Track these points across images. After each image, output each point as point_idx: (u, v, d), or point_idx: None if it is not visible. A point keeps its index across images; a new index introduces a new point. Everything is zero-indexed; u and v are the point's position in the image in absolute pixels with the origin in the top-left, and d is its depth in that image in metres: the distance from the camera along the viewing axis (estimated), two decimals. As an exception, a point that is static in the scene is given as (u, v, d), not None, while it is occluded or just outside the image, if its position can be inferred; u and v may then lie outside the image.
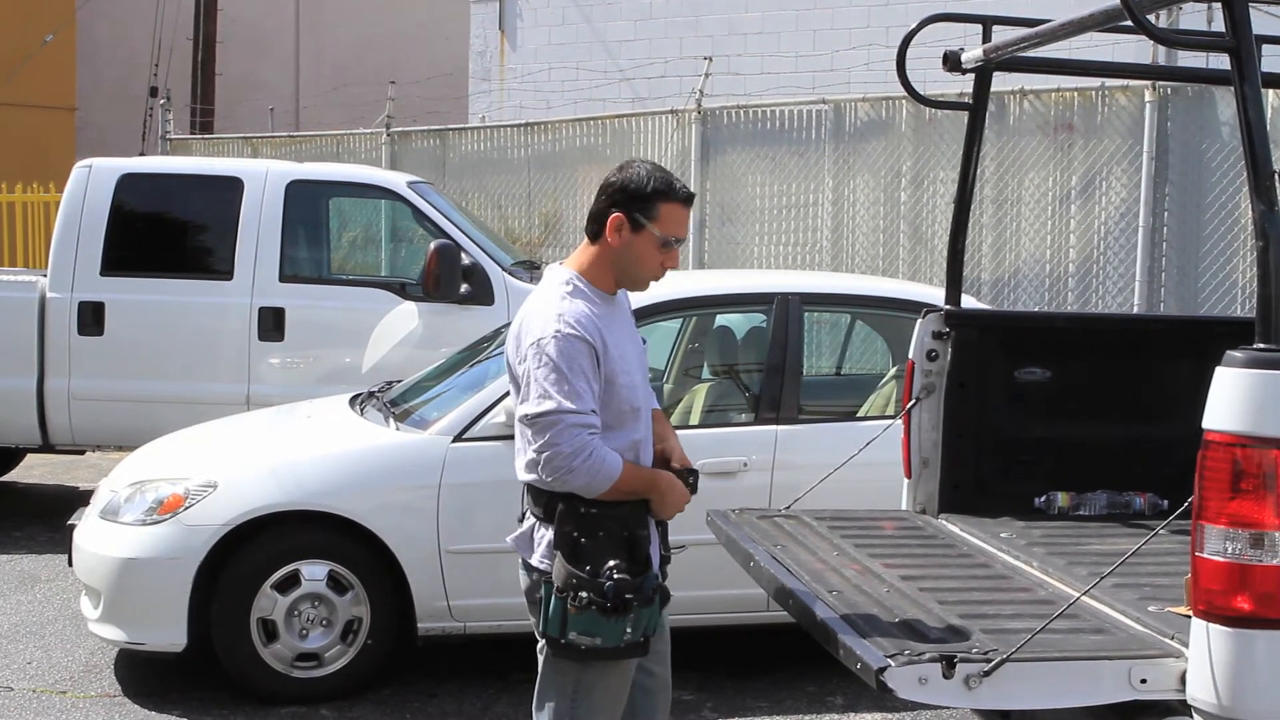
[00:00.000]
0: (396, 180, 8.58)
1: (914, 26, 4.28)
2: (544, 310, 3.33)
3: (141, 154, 14.79)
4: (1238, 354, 2.86)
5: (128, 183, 8.07)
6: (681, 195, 3.37)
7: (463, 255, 7.78)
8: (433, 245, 7.77)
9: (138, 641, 5.26)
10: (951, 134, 9.38)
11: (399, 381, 6.38)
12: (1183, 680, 2.92)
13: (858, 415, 5.93)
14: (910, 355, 4.56)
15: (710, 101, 10.90)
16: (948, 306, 4.61)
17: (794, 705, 5.26)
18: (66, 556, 5.69)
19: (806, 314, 5.87)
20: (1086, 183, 9.19)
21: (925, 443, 4.52)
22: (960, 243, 4.69)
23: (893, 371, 5.99)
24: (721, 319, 6.36)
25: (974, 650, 2.94)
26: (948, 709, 4.71)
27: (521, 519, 3.49)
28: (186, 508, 5.16)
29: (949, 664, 2.87)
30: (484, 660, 5.65)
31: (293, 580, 5.17)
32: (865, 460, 4.62)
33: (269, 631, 5.16)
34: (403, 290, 7.96)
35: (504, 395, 5.23)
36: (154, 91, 17.84)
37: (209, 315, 7.88)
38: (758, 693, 5.38)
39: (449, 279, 7.67)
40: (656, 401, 3.66)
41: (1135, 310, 8.72)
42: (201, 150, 14.88)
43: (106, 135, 20.03)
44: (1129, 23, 3.13)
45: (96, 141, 18.55)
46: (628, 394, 3.36)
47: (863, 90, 10.29)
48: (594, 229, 3.41)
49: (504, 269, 7.97)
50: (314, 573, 5.17)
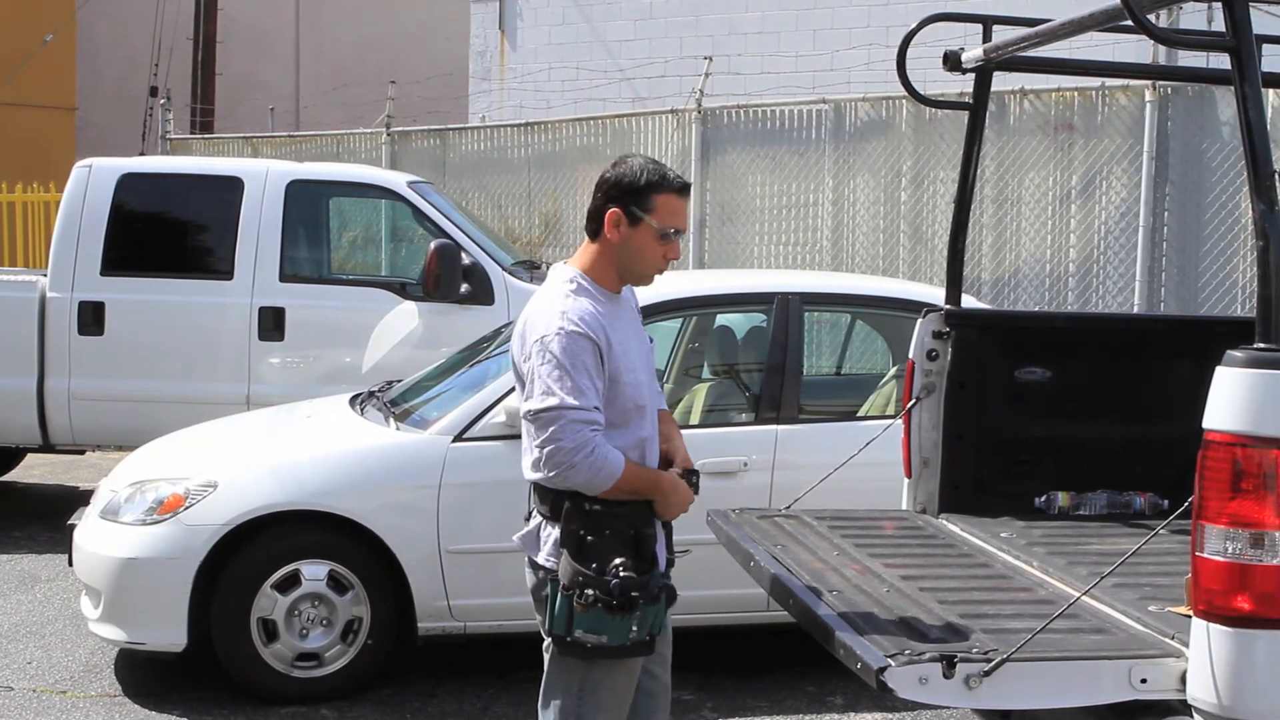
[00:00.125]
0: (396, 180, 8.57)
1: (914, 26, 4.28)
2: (548, 308, 3.33)
3: (141, 154, 14.79)
4: (1238, 354, 2.86)
5: (128, 183, 8.07)
6: (676, 185, 3.37)
7: (463, 255, 7.78)
8: (433, 245, 7.77)
9: (138, 641, 5.26)
10: (951, 134, 9.38)
11: (399, 381, 6.38)
12: (1183, 680, 2.92)
13: (858, 415, 5.94)
14: (910, 355, 4.56)
15: (710, 101, 10.89)
16: (948, 306, 4.61)
17: (794, 705, 5.26)
18: (66, 556, 5.69)
19: (806, 314, 5.87)
20: (1087, 183, 9.19)
21: (925, 443, 4.52)
22: (960, 242, 4.69)
23: (893, 371, 6.00)
24: (721, 319, 6.36)
25: (974, 650, 2.94)
26: (948, 709, 4.71)
27: (528, 517, 3.49)
28: (186, 507, 5.16)
29: (949, 664, 2.87)
30: (484, 660, 5.65)
31: (293, 580, 5.17)
32: (865, 460, 4.62)
33: (269, 631, 5.16)
34: (403, 290, 7.96)
35: (504, 395, 5.23)
36: (154, 91, 17.84)
37: (209, 315, 7.88)
38: (758, 693, 5.38)
39: (449, 279, 7.67)
40: (664, 402, 3.66)
41: (1135, 310, 8.72)
42: (201, 150, 14.88)
43: (106, 135, 20.02)
44: (1129, 22, 3.13)
45: (96, 141, 18.54)
46: (632, 391, 3.36)
47: (863, 90, 10.29)
48: (593, 227, 3.41)
49: (504, 269, 7.97)
50: (314, 572, 5.18)
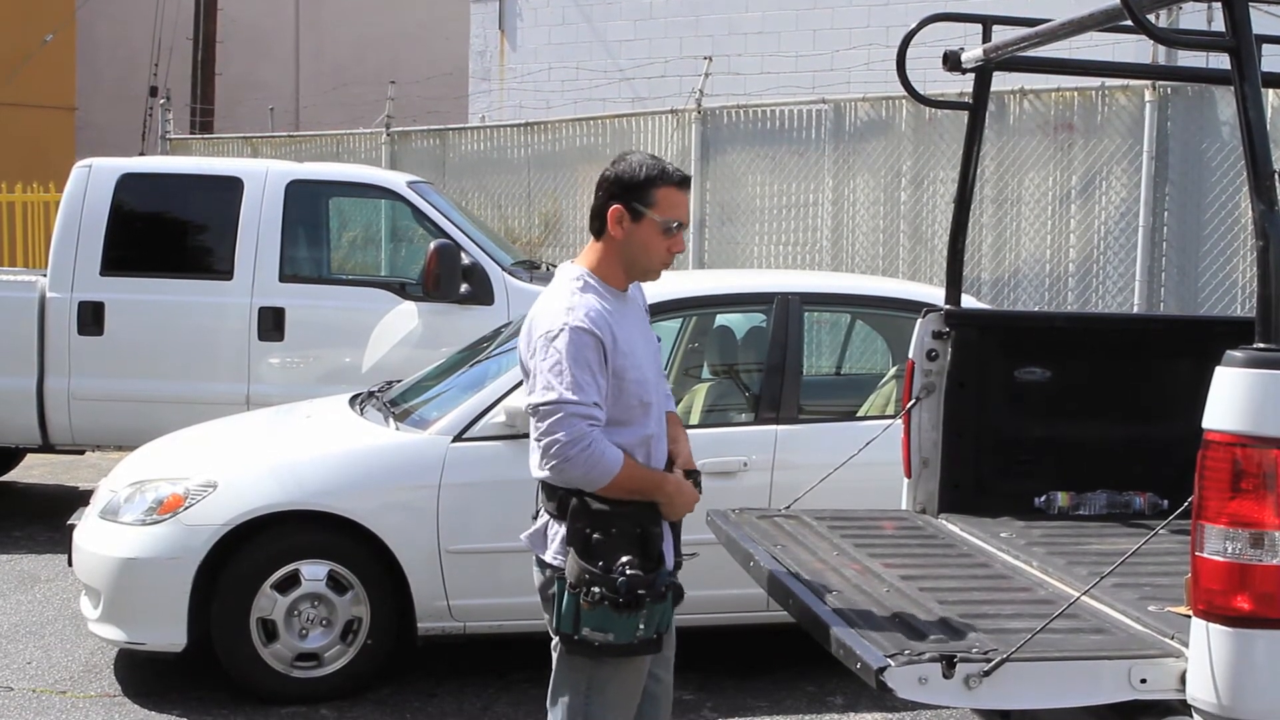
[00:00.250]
0: (396, 180, 8.57)
1: (914, 26, 4.28)
2: (555, 304, 3.35)
3: (141, 154, 14.80)
4: (1238, 354, 2.86)
5: (128, 183, 8.07)
6: (675, 178, 3.39)
7: (462, 255, 7.78)
8: (432, 245, 7.77)
9: (138, 641, 5.26)
10: (951, 134, 9.38)
11: (399, 381, 6.38)
12: (1183, 680, 2.92)
13: (858, 415, 5.94)
14: (910, 355, 4.56)
15: (710, 101, 10.89)
16: (948, 306, 4.61)
17: (794, 705, 5.26)
18: (66, 556, 5.69)
19: (806, 314, 5.87)
20: (1086, 182, 9.19)
21: (925, 442, 4.52)
22: (960, 242, 4.69)
23: (892, 371, 5.99)
24: (721, 319, 6.36)
25: (974, 650, 2.94)
26: (948, 709, 4.71)
27: (535, 516, 3.49)
28: (186, 507, 5.16)
29: (949, 664, 2.87)
30: (484, 660, 5.65)
31: (292, 580, 5.17)
32: (865, 460, 4.62)
33: (269, 631, 5.16)
34: (403, 290, 7.96)
35: (504, 395, 5.24)
36: (154, 91, 17.85)
37: (209, 315, 7.88)
38: (758, 692, 5.38)
39: (449, 279, 7.67)
40: (673, 404, 3.66)
41: (1135, 310, 8.72)
42: (201, 150, 14.88)
43: (106, 135, 20.02)
44: (1129, 22, 3.13)
45: (96, 141, 18.54)
46: (638, 389, 3.37)
47: (863, 90, 10.29)
48: (597, 225, 3.43)
49: (504, 269, 7.97)
50: (314, 572, 5.17)
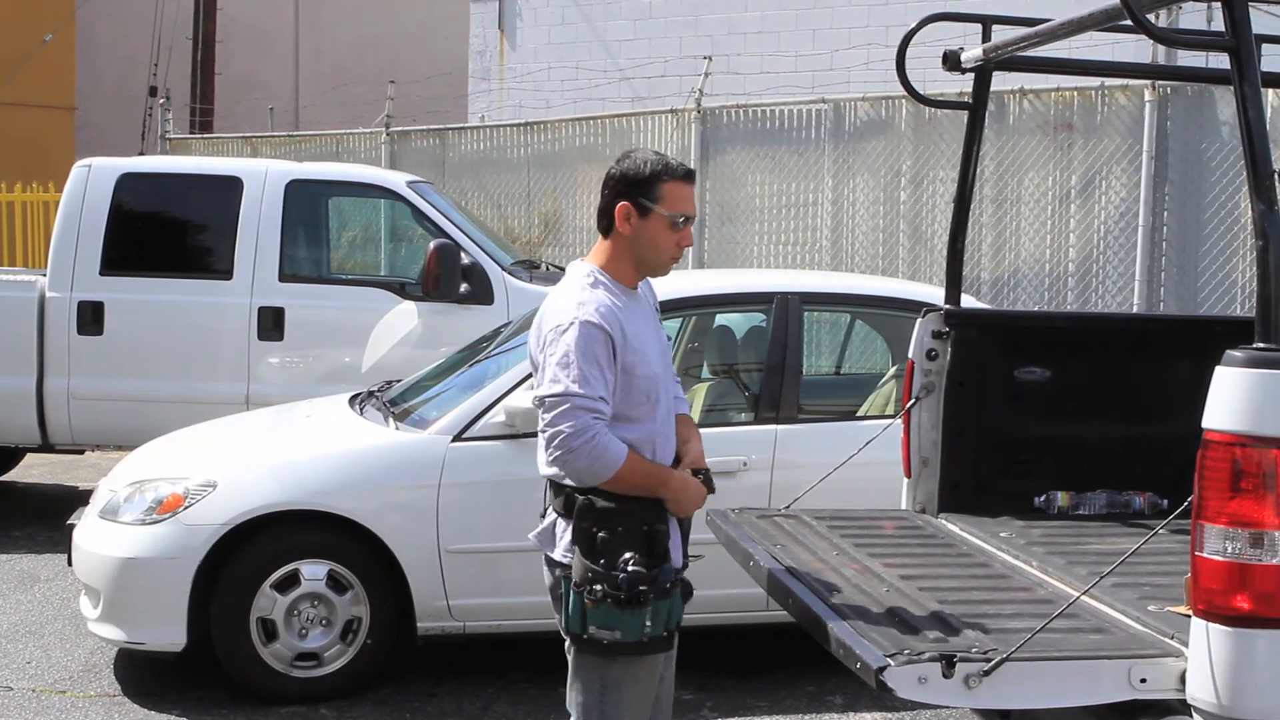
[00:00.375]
0: (396, 180, 8.57)
1: (914, 26, 4.28)
2: (565, 300, 3.37)
3: (141, 153, 14.80)
4: (1237, 353, 2.86)
5: (127, 182, 8.07)
6: (680, 173, 3.41)
7: (462, 255, 7.78)
8: (432, 245, 7.77)
9: (137, 641, 5.26)
10: (951, 133, 9.38)
11: (398, 381, 6.38)
12: (1182, 680, 2.92)
13: (857, 415, 5.94)
14: (910, 355, 4.56)
15: (710, 101, 10.89)
16: (947, 306, 4.61)
17: (794, 705, 5.26)
18: (66, 556, 5.69)
19: (806, 313, 5.87)
20: (1086, 182, 9.18)
21: (925, 442, 4.52)
22: (960, 242, 4.69)
23: (892, 371, 6.00)
24: (721, 318, 6.36)
25: (973, 650, 2.94)
26: (947, 709, 4.71)
27: (543, 514, 3.50)
28: (186, 507, 5.16)
29: (949, 663, 2.87)
30: (483, 660, 5.65)
31: (292, 580, 5.17)
32: (865, 460, 4.61)
33: (268, 631, 5.16)
34: (402, 290, 7.96)
35: (503, 395, 5.24)
36: (153, 91, 17.86)
37: (208, 315, 7.87)
38: (758, 692, 5.38)
39: (448, 278, 7.67)
40: (686, 406, 3.67)
41: (1135, 310, 8.72)
42: (201, 150, 14.88)
43: (106, 135, 20.02)
44: (1129, 22, 3.12)
45: (96, 141, 18.54)
46: (647, 385, 3.37)
47: (862, 90, 10.28)
48: (605, 223, 3.45)
49: (504, 268, 7.97)
50: (313, 572, 5.17)
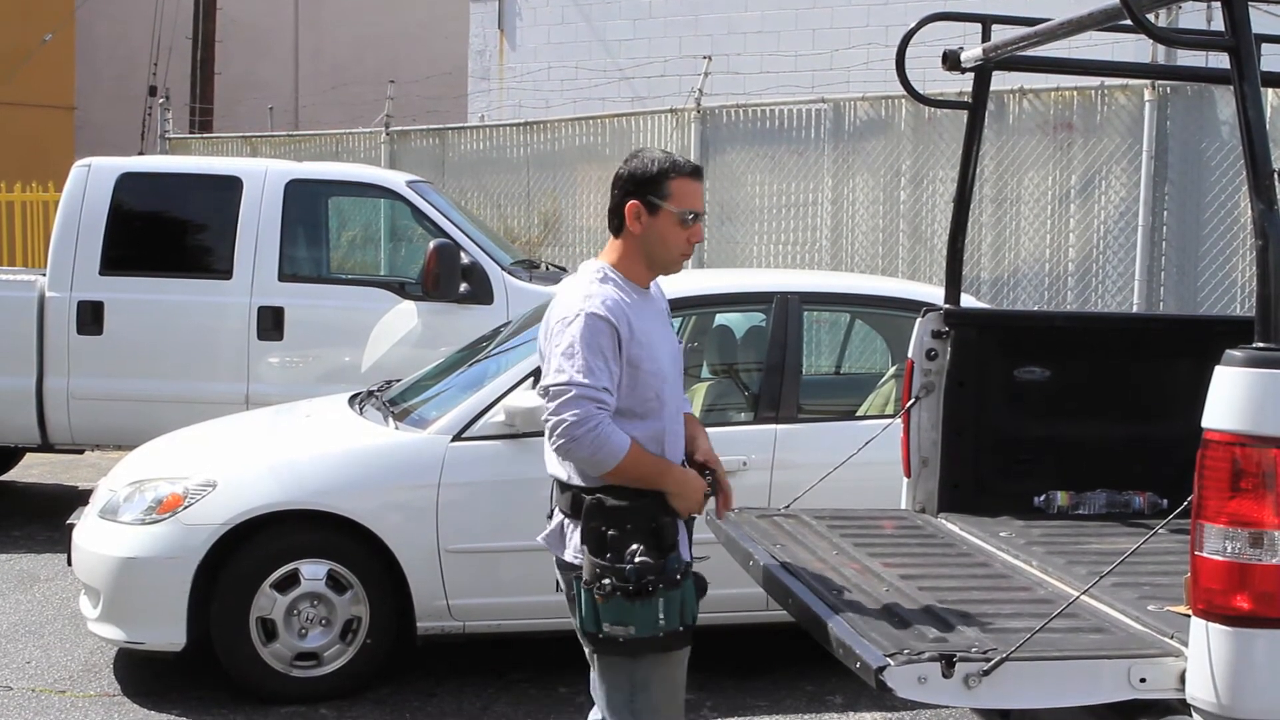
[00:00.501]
0: (396, 179, 8.58)
1: (913, 25, 4.28)
2: (574, 293, 3.39)
3: (140, 153, 14.78)
4: (1237, 353, 2.86)
5: (127, 182, 8.07)
6: (687, 170, 3.44)
7: (462, 254, 7.78)
8: (432, 244, 7.78)
9: (137, 641, 5.26)
10: (951, 133, 9.38)
11: (398, 380, 6.38)
12: (1182, 679, 2.92)
13: (857, 414, 5.94)
14: (909, 354, 4.56)
15: (709, 100, 10.89)
16: (947, 306, 4.61)
17: (793, 704, 5.26)
18: (66, 556, 5.68)
19: (806, 313, 5.88)
20: (1086, 182, 9.18)
21: (925, 442, 4.52)
22: (960, 242, 4.69)
23: (892, 371, 5.99)
24: (721, 318, 6.36)
25: (973, 649, 2.94)
26: (947, 708, 4.71)
27: (550, 515, 3.49)
28: (186, 507, 5.16)
29: (948, 663, 2.87)
30: (483, 659, 5.65)
31: (292, 579, 5.17)
32: (865, 459, 4.61)
33: (268, 631, 5.16)
34: (402, 289, 7.96)
35: (503, 394, 5.24)
36: (153, 91, 17.85)
37: (208, 315, 7.88)
38: (757, 692, 5.37)
39: (448, 278, 7.67)
40: (689, 405, 3.67)
41: (1135, 310, 8.71)
42: (201, 149, 14.86)
43: (105, 134, 20.01)
44: (1128, 22, 3.12)
45: (95, 140, 18.53)
46: (654, 381, 3.38)
47: (862, 89, 10.28)
48: (615, 223, 3.47)
49: (503, 268, 7.98)
50: (313, 572, 5.17)
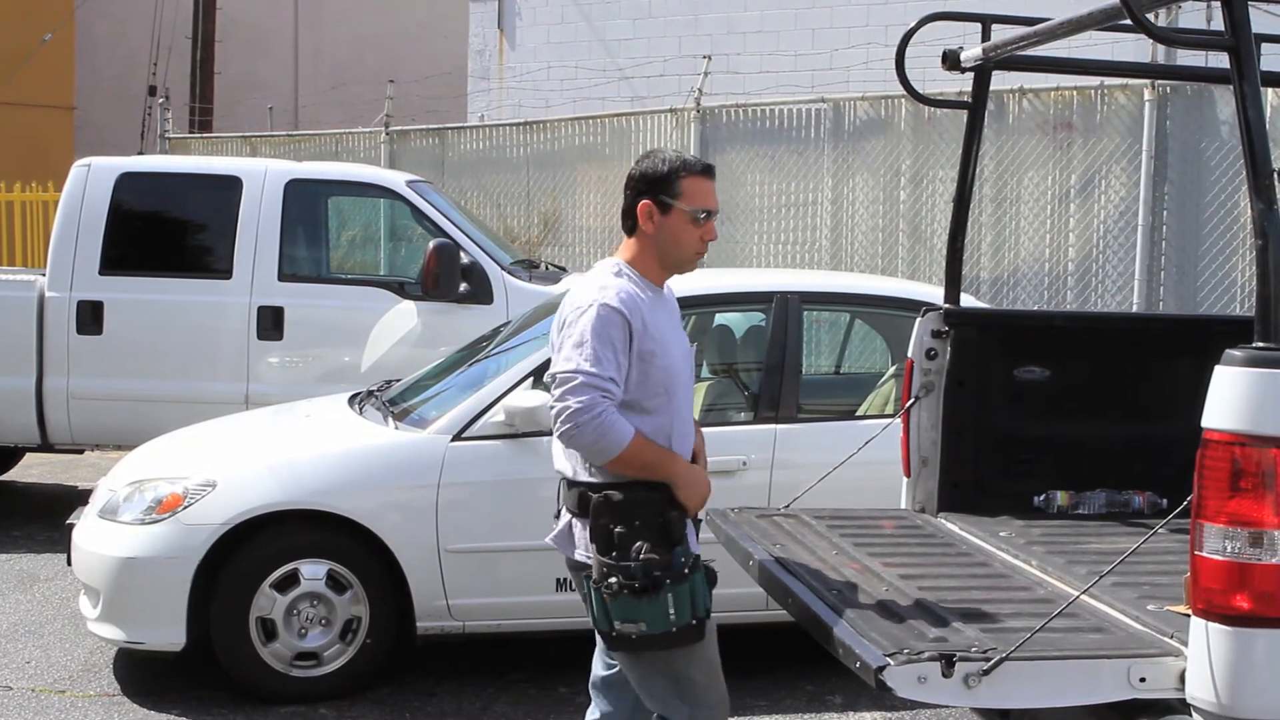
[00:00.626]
0: (395, 179, 8.57)
1: (913, 25, 4.28)
2: (589, 285, 3.42)
3: (140, 153, 14.77)
4: (1237, 353, 2.86)
5: (126, 182, 8.07)
6: (698, 168, 3.46)
7: (462, 254, 7.78)
8: (432, 244, 7.78)
9: (137, 641, 5.26)
10: (951, 133, 9.38)
11: (398, 380, 6.37)
12: (1182, 679, 2.92)
13: (857, 414, 5.94)
14: (909, 354, 4.56)
15: (709, 100, 10.89)
16: (947, 305, 4.61)
17: (793, 704, 5.26)
18: (65, 556, 5.68)
19: (806, 313, 5.87)
20: (1086, 182, 9.18)
21: (924, 442, 4.52)
22: (959, 242, 4.68)
23: (892, 370, 5.99)
24: (720, 318, 6.35)
25: (973, 649, 2.94)
26: (947, 708, 4.71)
27: (557, 515, 3.50)
28: (185, 507, 5.16)
29: (948, 663, 2.87)
30: (483, 659, 5.65)
31: (292, 579, 5.16)
32: (864, 459, 4.61)
33: (268, 631, 5.16)
34: (402, 289, 7.96)
35: (503, 394, 5.24)
36: (153, 90, 17.85)
37: (208, 314, 7.88)
38: (757, 692, 5.37)
39: (448, 278, 7.67)
40: (694, 412, 3.68)
41: (1135, 309, 8.71)
42: (200, 149, 14.86)
43: (105, 134, 20.01)
44: (1128, 22, 3.12)
45: (95, 140, 18.52)
46: (664, 376, 3.39)
47: (862, 89, 10.28)
48: (629, 223, 3.50)
49: (503, 268, 7.98)
50: (313, 572, 5.17)
